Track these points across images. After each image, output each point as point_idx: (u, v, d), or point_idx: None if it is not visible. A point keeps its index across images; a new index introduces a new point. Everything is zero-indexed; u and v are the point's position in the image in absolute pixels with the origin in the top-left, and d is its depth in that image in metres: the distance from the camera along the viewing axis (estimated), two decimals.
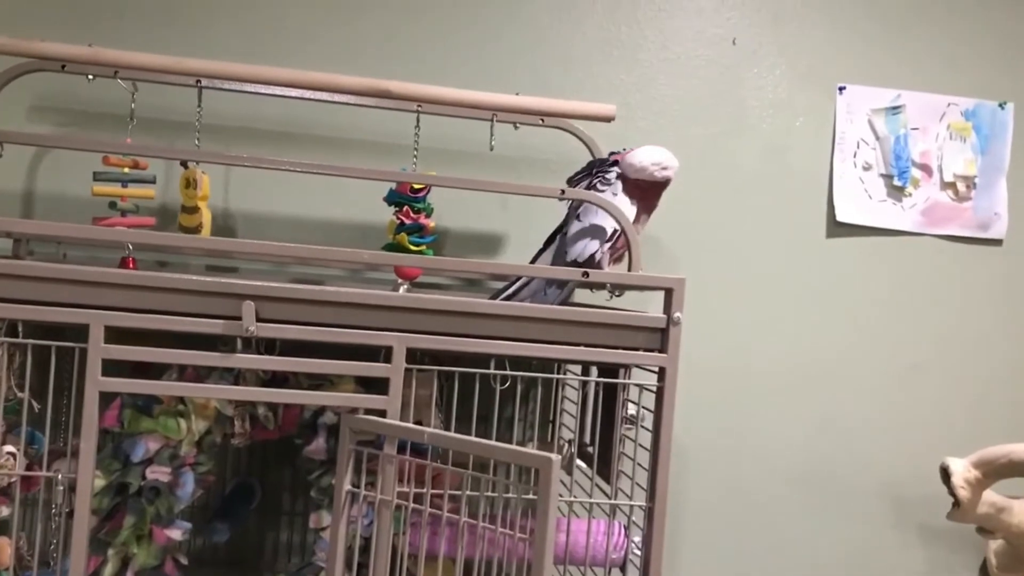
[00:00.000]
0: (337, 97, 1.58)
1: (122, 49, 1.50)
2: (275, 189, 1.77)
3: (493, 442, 1.13)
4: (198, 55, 1.53)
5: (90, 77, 1.49)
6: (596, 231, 1.50)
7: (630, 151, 1.53)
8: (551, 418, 1.80)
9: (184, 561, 1.42)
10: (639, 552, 1.36)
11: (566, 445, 1.63)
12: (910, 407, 1.97)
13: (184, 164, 1.56)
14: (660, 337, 1.34)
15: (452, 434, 1.17)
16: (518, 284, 1.53)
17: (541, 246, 1.60)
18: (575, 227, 1.52)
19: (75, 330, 1.24)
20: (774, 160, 1.92)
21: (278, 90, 1.56)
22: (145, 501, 1.34)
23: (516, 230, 1.82)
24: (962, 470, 1.62)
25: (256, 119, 1.76)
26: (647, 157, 1.50)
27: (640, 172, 1.50)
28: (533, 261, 1.58)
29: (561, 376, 1.50)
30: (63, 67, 1.47)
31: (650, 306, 1.44)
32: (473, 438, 1.15)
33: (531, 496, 1.12)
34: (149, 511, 1.34)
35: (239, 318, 1.24)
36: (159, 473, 1.34)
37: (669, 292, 1.33)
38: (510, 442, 1.28)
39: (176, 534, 1.36)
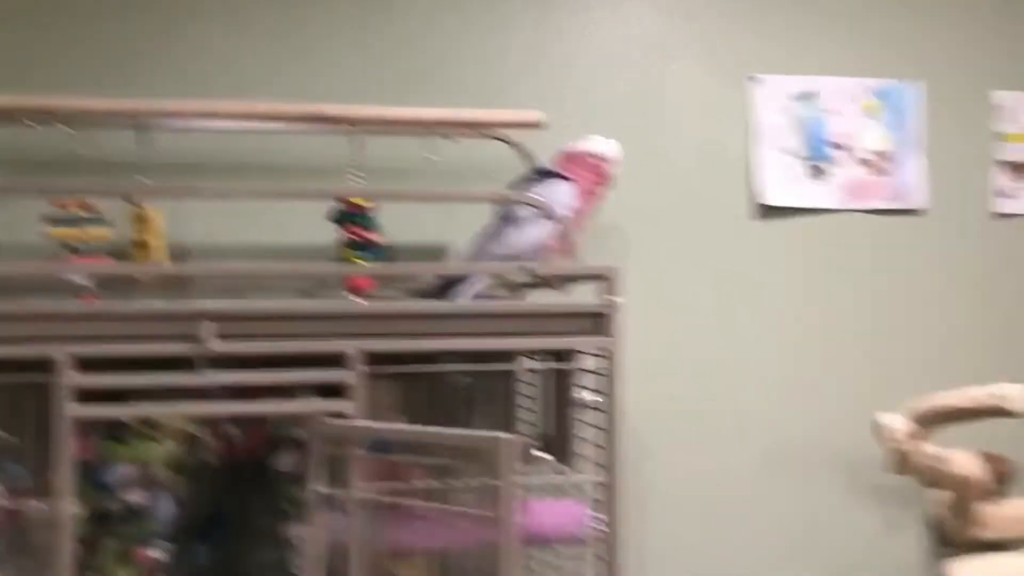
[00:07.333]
0: (274, 125, 1.64)
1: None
2: (223, 221, 1.81)
3: (450, 430, 1.20)
4: (132, 95, 1.57)
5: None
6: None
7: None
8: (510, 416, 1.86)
9: None
10: (602, 527, 1.43)
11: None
12: (855, 375, 2.07)
13: (131, 201, 1.61)
14: (603, 321, 1.42)
15: (413, 427, 1.24)
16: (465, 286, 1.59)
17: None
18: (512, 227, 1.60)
19: (40, 367, 1.28)
20: (700, 151, 2.02)
21: (215, 123, 1.61)
22: (125, 524, 1.39)
23: (463, 239, 1.88)
24: (896, 424, 1.71)
25: (195, 153, 1.80)
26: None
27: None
28: None
29: (513, 366, 1.56)
30: None
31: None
32: (432, 428, 1.22)
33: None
34: (129, 534, 1.39)
35: (200, 339, 1.30)
36: (136, 496, 1.39)
37: (606, 279, 1.41)
38: None
39: (158, 554, 1.41)
